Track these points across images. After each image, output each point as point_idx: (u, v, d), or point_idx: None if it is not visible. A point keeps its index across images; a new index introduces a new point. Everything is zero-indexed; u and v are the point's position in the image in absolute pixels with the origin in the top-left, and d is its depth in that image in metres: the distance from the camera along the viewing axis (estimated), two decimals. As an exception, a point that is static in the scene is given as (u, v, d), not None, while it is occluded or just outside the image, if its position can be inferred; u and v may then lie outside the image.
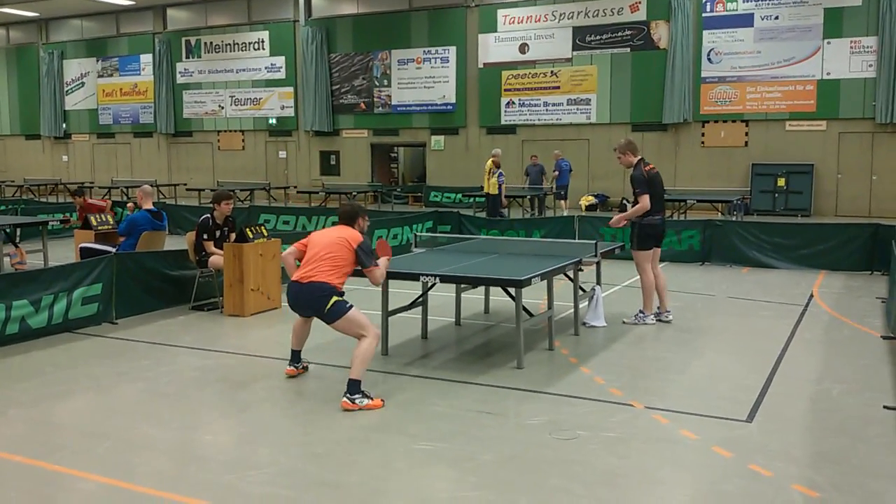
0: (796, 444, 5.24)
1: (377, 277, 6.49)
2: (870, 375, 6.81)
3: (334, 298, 6.12)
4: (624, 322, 8.89)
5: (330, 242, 6.31)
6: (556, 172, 22.26)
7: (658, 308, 9.02)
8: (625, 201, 23.72)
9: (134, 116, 33.29)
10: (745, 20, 22.72)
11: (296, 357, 6.81)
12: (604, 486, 4.61)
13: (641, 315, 8.90)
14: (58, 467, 4.90)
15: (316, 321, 6.52)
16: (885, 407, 5.93)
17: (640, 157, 8.93)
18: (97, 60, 33.82)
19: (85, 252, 10.28)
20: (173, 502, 4.41)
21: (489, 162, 19.01)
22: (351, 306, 6.15)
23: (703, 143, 23.69)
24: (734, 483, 4.62)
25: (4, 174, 35.01)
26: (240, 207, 19.46)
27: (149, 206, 10.55)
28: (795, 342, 8.05)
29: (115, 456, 5.10)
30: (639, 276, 8.99)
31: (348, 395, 5.95)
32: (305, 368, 6.92)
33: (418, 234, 9.42)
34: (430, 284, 7.46)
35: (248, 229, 9.42)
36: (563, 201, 22.52)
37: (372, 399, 6.00)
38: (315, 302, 6.18)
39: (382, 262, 6.56)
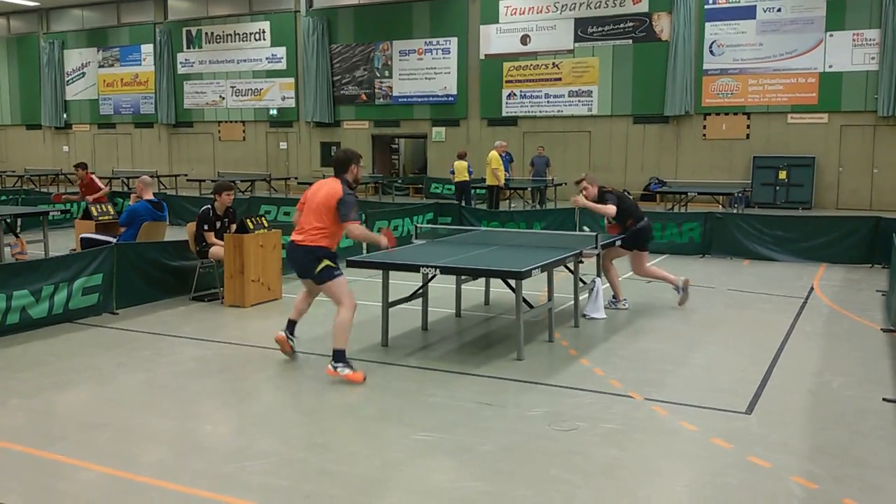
0: (796, 436, 5.25)
1: (352, 231, 6.48)
2: (869, 368, 6.81)
3: (325, 263, 6.35)
4: (605, 307, 9.16)
5: (317, 204, 6.43)
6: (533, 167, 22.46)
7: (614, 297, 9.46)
8: (625, 193, 23.71)
9: (135, 107, 33.25)
10: (748, 12, 22.65)
11: (291, 326, 6.94)
12: (603, 477, 4.63)
13: (614, 301, 9.33)
14: (58, 457, 4.91)
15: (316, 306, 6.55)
16: (884, 399, 5.93)
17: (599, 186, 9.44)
18: (98, 50, 33.76)
19: (86, 242, 10.29)
20: (173, 492, 4.43)
21: (493, 153, 18.93)
22: (339, 274, 6.41)
23: (704, 135, 23.65)
24: (733, 475, 4.63)
25: (5, 164, 35.01)
26: (240, 198, 19.45)
27: (149, 196, 10.55)
28: (795, 334, 8.05)
29: (115, 446, 5.11)
30: (606, 270, 9.31)
31: (332, 363, 6.30)
32: (293, 349, 6.97)
33: (419, 225, 9.42)
34: (430, 276, 7.47)
35: (248, 220, 9.42)
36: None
37: (353, 370, 6.28)
38: (307, 264, 6.43)
39: (358, 227, 6.54)
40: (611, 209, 9.15)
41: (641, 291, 10.32)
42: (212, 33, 31.13)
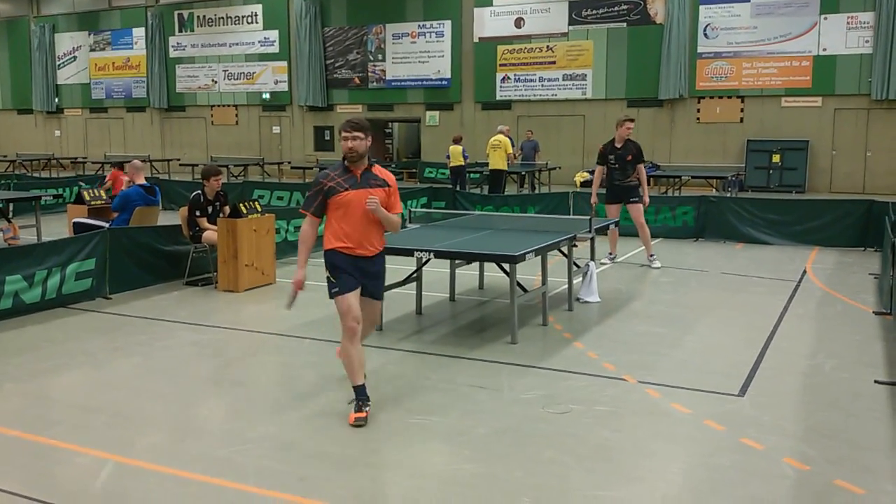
0: (788, 418, 5.28)
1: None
2: (862, 350, 6.85)
3: (326, 273, 5.34)
4: (650, 266, 10.69)
5: None
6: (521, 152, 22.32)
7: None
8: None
9: (126, 91, 33.05)
10: (742, -5, 22.59)
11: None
12: (597, 458, 4.65)
13: (652, 258, 10.84)
14: (54, 441, 4.91)
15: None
16: (876, 381, 5.97)
17: None
18: (89, 34, 33.50)
19: (78, 227, 10.26)
20: (169, 476, 4.44)
21: (500, 137, 18.63)
22: (337, 291, 5.21)
23: (698, 118, 23.63)
24: (726, 456, 4.66)
25: (-4, 149, 34.83)
26: (233, 183, 19.41)
27: (141, 181, 10.51)
28: (788, 317, 8.09)
29: (110, 430, 5.11)
30: (642, 228, 10.81)
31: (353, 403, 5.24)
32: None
33: (413, 209, 9.40)
34: (424, 260, 7.46)
35: (241, 205, 9.39)
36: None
37: (360, 410, 5.16)
38: None
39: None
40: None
41: (636, 274, 10.35)
42: (204, 16, 30.91)
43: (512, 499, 4.16)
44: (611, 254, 11.19)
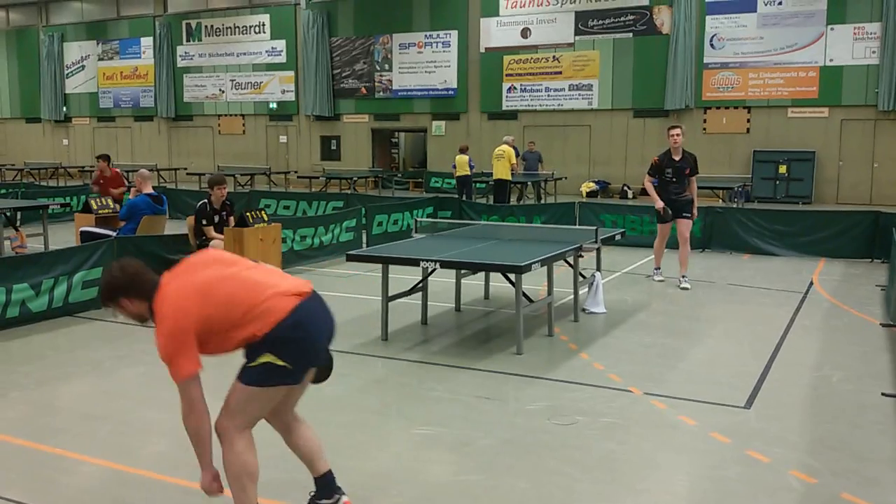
0: (794, 431, 5.26)
1: None
2: (868, 363, 6.82)
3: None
4: (679, 286, 10.05)
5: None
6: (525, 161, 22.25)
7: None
8: (626, 187, 23.73)
9: (134, 100, 33.21)
10: (748, 5, 22.60)
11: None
12: (602, 470, 4.64)
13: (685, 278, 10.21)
14: (59, 450, 4.92)
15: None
16: (883, 394, 5.94)
17: None
18: (97, 43, 33.71)
19: (85, 236, 10.30)
20: (173, 485, 4.44)
21: (505, 147, 18.64)
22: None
23: (704, 129, 23.62)
24: (732, 469, 4.64)
25: (5, 157, 34.98)
26: (240, 192, 19.47)
27: (148, 190, 10.56)
28: (795, 329, 8.06)
29: (115, 439, 5.12)
30: (686, 244, 10.26)
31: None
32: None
33: (419, 219, 9.42)
34: (430, 270, 7.48)
35: (248, 214, 9.42)
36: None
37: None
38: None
39: None
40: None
41: (642, 286, 10.34)
42: (211, 26, 31.08)
43: (516, 510, 4.15)
44: (658, 268, 10.64)
